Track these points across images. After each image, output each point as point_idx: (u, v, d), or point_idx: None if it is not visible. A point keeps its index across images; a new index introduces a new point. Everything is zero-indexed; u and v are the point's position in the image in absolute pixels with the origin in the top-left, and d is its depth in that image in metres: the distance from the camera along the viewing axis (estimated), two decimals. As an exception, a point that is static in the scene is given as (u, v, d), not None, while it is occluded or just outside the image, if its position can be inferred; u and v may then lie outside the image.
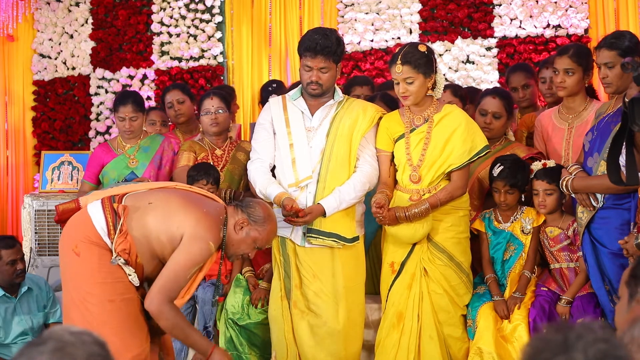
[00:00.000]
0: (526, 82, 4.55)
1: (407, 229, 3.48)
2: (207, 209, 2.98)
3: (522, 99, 4.57)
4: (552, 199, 3.63)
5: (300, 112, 3.67)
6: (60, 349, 1.40)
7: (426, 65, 3.43)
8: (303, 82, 3.63)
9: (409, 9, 5.86)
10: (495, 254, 3.74)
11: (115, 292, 2.90)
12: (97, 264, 2.90)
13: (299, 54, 3.62)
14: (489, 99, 3.96)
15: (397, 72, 3.43)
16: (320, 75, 3.57)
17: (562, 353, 1.27)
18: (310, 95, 3.63)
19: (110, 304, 2.88)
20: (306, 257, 3.61)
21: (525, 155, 3.87)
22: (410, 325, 3.55)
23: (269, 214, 3.07)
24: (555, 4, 5.56)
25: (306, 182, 3.59)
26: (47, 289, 4.29)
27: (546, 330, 1.33)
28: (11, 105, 6.54)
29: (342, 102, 3.68)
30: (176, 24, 6.29)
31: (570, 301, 3.53)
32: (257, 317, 3.91)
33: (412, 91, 3.45)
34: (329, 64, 3.56)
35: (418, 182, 3.53)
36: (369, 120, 3.62)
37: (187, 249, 2.87)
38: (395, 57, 3.47)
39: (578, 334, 1.29)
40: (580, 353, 1.26)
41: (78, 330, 1.46)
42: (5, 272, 4.08)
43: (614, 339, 1.30)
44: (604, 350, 1.27)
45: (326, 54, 3.53)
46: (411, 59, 3.41)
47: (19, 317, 4.12)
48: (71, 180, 4.98)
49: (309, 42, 3.55)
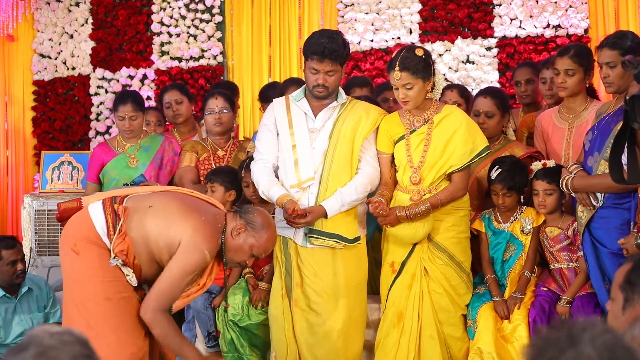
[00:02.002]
0: (530, 78, 4.55)
1: (408, 228, 3.48)
2: (206, 217, 2.99)
3: (523, 94, 4.57)
4: (552, 199, 3.63)
5: (303, 113, 3.67)
6: (42, 353, 1.37)
7: (424, 70, 3.43)
8: (309, 85, 3.62)
9: (409, 9, 5.85)
10: (495, 254, 3.74)
11: (113, 290, 2.91)
12: (96, 263, 2.91)
13: (305, 56, 3.61)
14: (480, 99, 3.97)
15: (396, 78, 3.43)
16: (327, 78, 3.56)
17: (570, 348, 1.24)
18: (316, 97, 3.63)
19: (108, 302, 2.90)
20: (308, 256, 3.61)
21: (524, 154, 3.87)
22: (411, 324, 3.55)
23: (268, 222, 3.06)
24: (555, 4, 5.56)
25: (308, 183, 3.59)
26: (47, 289, 4.28)
27: (546, 329, 1.30)
28: (11, 105, 6.54)
29: (345, 104, 3.68)
30: (176, 24, 6.29)
31: (570, 301, 3.52)
32: (258, 317, 3.90)
33: (411, 96, 3.45)
34: (335, 67, 3.56)
35: (419, 184, 3.53)
36: (371, 122, 3.62)
37: (183, 258, 2.88)
38: (393, 63, 3.46)
39: (582, 328, 1.26)
40: (588, 345, 1.23)
41: (58, 330, 1.42)
42: (6, 273, 4.07)
43: (616, 331, 1.29)
44: (611, 340, 1.24)
45: (334, 57, 3.52)
46: (409, 65, 3.41)
47: (19, 317, 4.12)
48: (71, 180, 4.98)
49: (316, 46, 3.53)
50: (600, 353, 1.21)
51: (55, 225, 4.72)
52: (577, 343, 1.24)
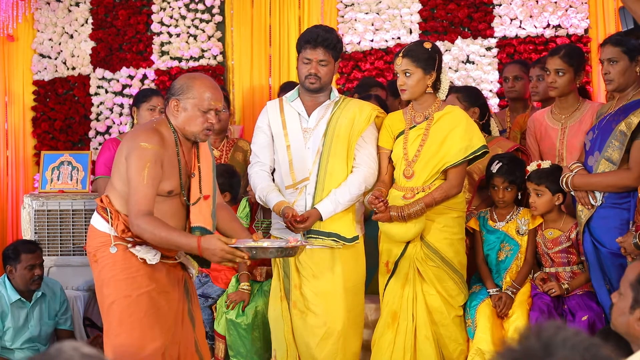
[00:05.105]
0: (518, 74, 4.69)
1: (399, 227, 3.47)
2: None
3: (510, 89, 4.71)
4: (543, 201, 3.62)
5: (296, 114, 3.67)
6: None
7: (426, 61, 3.45)
8: (301, 77, 3.63)
9: (409, 9, 5.85)
10: (489, 253, 3.75)
11: (131, 288, 2.95)
12: (112, 264, 2.97)
13: (298, 48, 3.63)
14: (450, 97, 3.95)
15: (397, 64, 3.49)
16: (319, 68, 3.57)
17: (547, 357, 1.18)
18: (308, 89, 3.63)
19: (127, 300, 2.95)
20: (306, 257, 3.60)
21: (510, 148, 3.95)
22: (406, 324, 3.54)
23: (191, 76, 3.07)
24: (555, 4, 5.56)
25: (304, 183, 3.59)
26: (61, 295, 4.28)
27: (517, 340, 1.22)
28: (11, 105, 6.53)
29: (339, 102, 3.69)
30: (176, 24, 6.29)
31: (568, 289, 3.53)
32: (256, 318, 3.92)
33: (409, 85, 3.48)
34: (328, 57, 3.57)
35: (411, 178, 3.53)
36: (365, 119, 3.62)
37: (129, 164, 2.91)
38: (399, 51, 3.54)
39: (554, 333, 1.20)
40: (567, 350, 1.18)
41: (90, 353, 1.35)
42: (23, 277, 4.07)
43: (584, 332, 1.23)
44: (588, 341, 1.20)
45: (326, 46, 3.56)
46: (412, 53, 3.47)
47: (30, 323, 4.11)
48: (71, 180, 4.97)
49: (310, 35, 3.59)
50: (582, 355, 1.18)
51: (55, 225, 4.71)
52: (553, 351, 1.18)
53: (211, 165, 3.15)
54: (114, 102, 6.36)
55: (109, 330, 2.98)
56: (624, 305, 2.05)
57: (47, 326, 4.18)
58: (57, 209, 4.71)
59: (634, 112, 3.30)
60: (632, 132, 3.28)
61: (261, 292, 4.06)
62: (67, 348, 1.34)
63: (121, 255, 2.97)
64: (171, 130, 3.01)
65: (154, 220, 2.85)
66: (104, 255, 2.99)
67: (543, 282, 3.62)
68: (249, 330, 3.97)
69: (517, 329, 3.45)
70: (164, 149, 2.95)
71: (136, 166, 2.88)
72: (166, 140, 2.98)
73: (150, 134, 2.95)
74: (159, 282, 3.02)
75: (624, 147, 3.30)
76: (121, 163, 2.97)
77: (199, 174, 3.07)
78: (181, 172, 3.02)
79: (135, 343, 2.93)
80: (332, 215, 3.55)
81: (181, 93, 2.99)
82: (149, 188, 2.88)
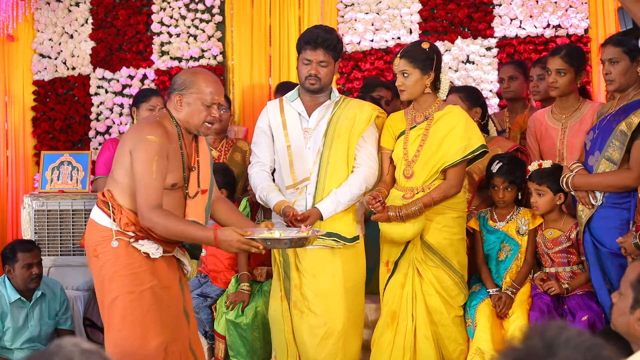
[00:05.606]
0: (513, 74, 4.71)
1: (398, 227, 3.47)
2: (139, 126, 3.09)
3: (506, 90, 4.74)
4: (544, 200, 3.62)
5: (297, 114, 3.68)
6: None
7: (424, 62, 3.45)
8: (301, 77, 3.63)
9: (409, 9, 5.85)
10: (489, 253, 3.75)
11: (133, 284, 2.96)
12: (113, 258, 2.97)
13: (298, 49, 3.63)
14: (453, 97, 3.96)
15: (396, 64, 3.51)
16: (319, 69, 3.58)
17: (550, 356, 1.18)
18: (308, 90, 3.63)
19: (130, 295, 2.95)
20: (306, 257, 3.61)
21: (510, 148, 3.95)
22: (405, 324, 3.55)
23: (190, 71, 3.09)
24: (555, 4, 5.56)
25: (304, 183, 3.59)
26: (61, 295, 4.27)
27: (519, 340, 1.23)
28: (11, 105, 6.53)
29: (339, 102, 3.69)
30: (176, 24, 6.29)
31: (568, 289, 3.53)
32: (256, 319, 3.92)
33: (407, 85, 3.49)
34: (328, 58, 3.58)
35: (410, 178, 3.53)
36: (365, 119, 3.62)
37: (135, 157, 2.91)
38: (398, 52, 3.55)
39: (557, 333, 1.20)
40: (569, 349, 1.18)
41: (89, 348, 1.36)
42: (21, 276, 4.07)
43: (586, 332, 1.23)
44: (590, 341, 1.20)
45: (326, 47, 3.56)
46: (410, 53, 3.48)
47: (30, 323, 4.11)
48: (71, 180, 4.96)
49: (310, 35, 3.59)
50: (584, 355, 1.18)
51: (55, 225, 4.71)
52: (555, 350, 1.18)
53: (209, 160, 3.17)
54: (114, 102, 6.35)
55: (111, 325, 2.97)
56: (624, 305, 2.05)
57: (47, 326, 4.17)
58: (57, 209, 4.71)
59: (634, 112, 3.30)
60: (633, 132, 3.28)
61: (261, 293, 4.07)
62: (67, 344, 1.35)
63: (123, 250, 2.97)
64: (174, 123, 3.03)
65: (165, 213, 2.87)
66: (105, 250, 2.98)
67: (543, 282, 3.62)
68: (248, 330, 3.97)
69: (518, 328, 3.48)
70: (168, 142, 2.97)
71: (143, 159, 2.89)
72: (170, 134, 3.00)
73: (154, 127, 2.97)
74: (161, 277, 3.02)
75: (625, 147, 3.30)
76: (125, 156, 2.96)
77: (198, 168, 3.09)
78: (184, 165, 3.04)
79: (138, 339, 2.94)
80: (333, 214, 3.54)
81: (184, 88, 3.01)
82: (158, 181, 2.90)
